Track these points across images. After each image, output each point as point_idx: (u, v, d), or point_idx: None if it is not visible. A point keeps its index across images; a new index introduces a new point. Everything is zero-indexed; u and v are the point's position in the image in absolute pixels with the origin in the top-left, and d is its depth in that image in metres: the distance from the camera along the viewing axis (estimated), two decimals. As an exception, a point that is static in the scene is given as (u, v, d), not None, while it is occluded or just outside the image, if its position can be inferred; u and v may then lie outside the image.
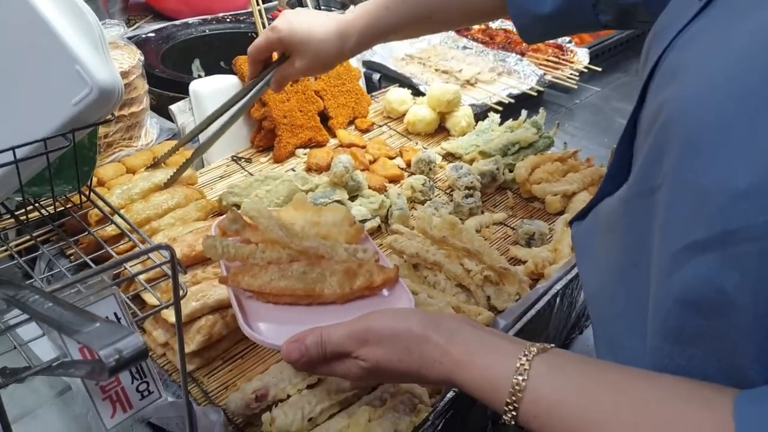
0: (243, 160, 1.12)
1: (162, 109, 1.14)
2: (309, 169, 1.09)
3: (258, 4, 1.12)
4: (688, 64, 0.42)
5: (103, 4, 1.56)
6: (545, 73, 1.46)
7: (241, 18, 1.48)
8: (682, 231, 0.39)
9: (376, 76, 1.41)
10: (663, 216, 0.42)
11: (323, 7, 1.78)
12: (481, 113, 1.29)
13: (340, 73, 1.22)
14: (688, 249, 0.39)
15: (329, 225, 0.73)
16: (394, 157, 1.14)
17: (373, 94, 1.35)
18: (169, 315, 0.69)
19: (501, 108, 1.31)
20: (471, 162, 1.11)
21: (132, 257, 0.51)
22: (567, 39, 1.65)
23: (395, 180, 1.08)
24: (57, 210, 0.77)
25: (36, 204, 0.77)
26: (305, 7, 1.31)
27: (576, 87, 1.46)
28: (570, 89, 1.47)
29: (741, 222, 0.35)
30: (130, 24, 1.60)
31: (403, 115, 1.25)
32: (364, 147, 1.15)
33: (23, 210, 0.76)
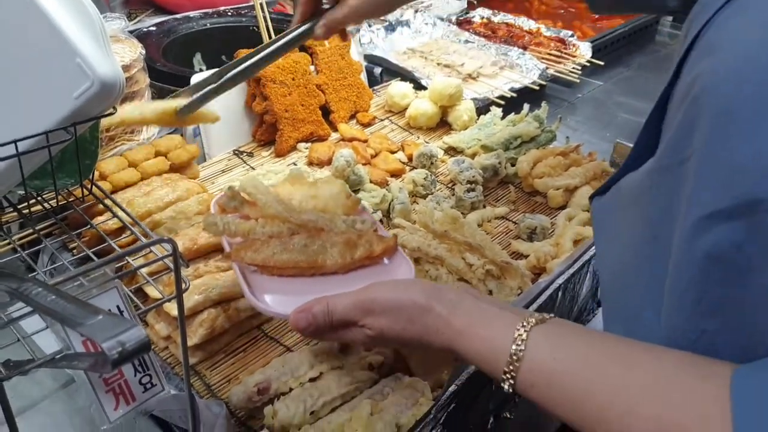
0: (245, 154, 1.11)
1: (163, 103, 1.14)
2: (310, 163, 1.09)
3: (259, -3, 1.11)
4: (725, 38, 0.42)
5: (104, -3, 1.56)
6: (547, 67, 1.45)
7: (243, 12, 1.48)
8: (708, 199, 0.40)
9: (377, 69, 1.40)
10: (690, 185, 0.42)
11: None
12: (483, 107, 1.29)
13: (341, 67, 1.22)
14: (713, 216, 0.39)
15: (326, 198, 0.73)
16: (395, 151, 1.14)
17: (375, 88, 1.35)
18: (172, 308, 0.69)
19: (503, 102, 1.30)
20: (473, 156, 1.11)
21: (134, 250, 0.51)
22: (569, 33, 1.65)
23: (397, 174, 1.08)
24: (59, 204, 0.77)
25: (38, 198, 0.77)
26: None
27: (578, 81, 1.46)
28: (572, 83, 1.47)
29: None
30: (131, 18, 1.60)
31: (405, 109, 1.25)
32: (365, 141, 1.15)
33: (26, 204, 0.76)
